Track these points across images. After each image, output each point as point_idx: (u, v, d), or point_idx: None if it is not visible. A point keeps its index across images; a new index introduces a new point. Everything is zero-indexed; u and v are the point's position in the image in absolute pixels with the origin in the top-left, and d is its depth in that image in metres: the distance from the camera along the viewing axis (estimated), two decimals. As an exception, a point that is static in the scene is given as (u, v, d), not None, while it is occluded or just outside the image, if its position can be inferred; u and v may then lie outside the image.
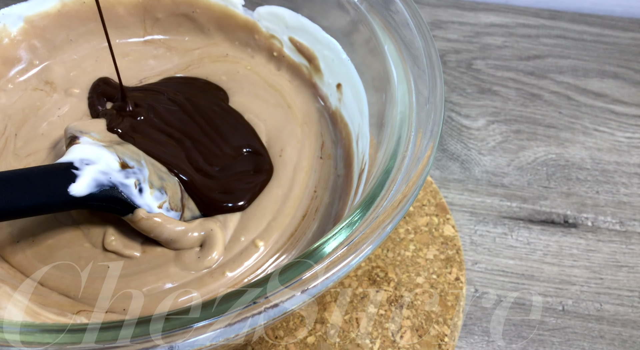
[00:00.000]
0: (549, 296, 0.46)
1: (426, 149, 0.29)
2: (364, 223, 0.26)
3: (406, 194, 0.27)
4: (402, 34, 0.35)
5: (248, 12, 0.45)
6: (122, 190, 0.32)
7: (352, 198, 0.36)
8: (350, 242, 0.25)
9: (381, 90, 0.35)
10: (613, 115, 0.60)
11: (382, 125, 0.34)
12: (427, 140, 0.29)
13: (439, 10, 0.71)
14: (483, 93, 0.62)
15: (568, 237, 0.50)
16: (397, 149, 0.29)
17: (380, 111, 0.35)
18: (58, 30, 0.44)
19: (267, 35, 0.45)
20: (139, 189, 0.32)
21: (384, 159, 0.30)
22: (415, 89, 0.32)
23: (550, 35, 0.69)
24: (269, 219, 0.35)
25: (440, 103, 0.31)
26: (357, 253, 0.25)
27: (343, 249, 0.25)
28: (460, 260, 0.43)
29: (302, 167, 0.38)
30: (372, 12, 0.37)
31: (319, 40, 0.42)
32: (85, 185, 0.30)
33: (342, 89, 0.40)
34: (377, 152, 0.33)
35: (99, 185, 0.31)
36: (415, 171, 0.28)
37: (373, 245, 0.25)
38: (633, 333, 0.44)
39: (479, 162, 0.55)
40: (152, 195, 0.33)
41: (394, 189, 0.27)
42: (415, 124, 0.30)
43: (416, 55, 0.33)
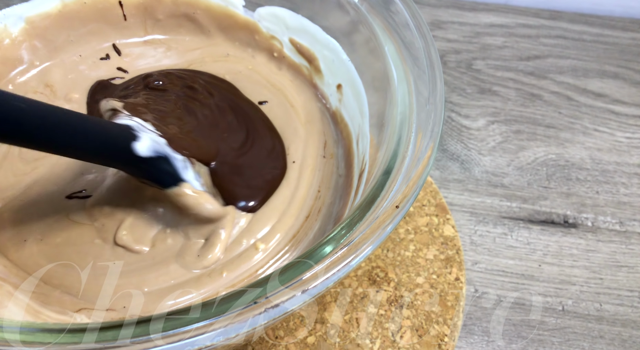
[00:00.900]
0: (549, 296, 0.46)
1: (426, 150, 0.29)
2: (364, 223, 0.26)
3: (406, 194, 0.27)
4: (402, 35, 0.35)
5: (248, 12, 0.45)
6: (172, 162, 0.32)
7: (352, 198, 0.36)
8: (350, 242, 0.25)
9: (381, 91, 0.35)
10: (613, 115, 0.60)
11: (382, 126, 0.34)
12: (427, 141, 0.29)
13: (439, 10, 0.71)
14: (483, 93, 0.62)
15: (568, 237, 0.50)
16: (397, 150, 0.29)
17: (381, 111, 0.35)
18: (59, 30, 0.44)
19: (268, 36, 0.45)
20: (185, 166, 0.33)
21: (384, 160, 0.30)
22: (415, 89, 0.32)
23: (550, 35, 0.69)
24: (273, 222, 0.35)
25: (440, 103, 0.31)
26: (357, 253, 0.25)
27: (343, 250, 0.25)
28: (460, 261, 0.44)
29: (307, 165, 0.39)
30: (372, 13, 0.37)
31: (318, 41, 0.42)
32: (146, 148, 0.31)
33: (343, 89, 0.41)
34: (377, 153, 0.33)
35: (156, 151, 0.31)
36: (416, 172, 0.28)
37: (373, 246, 0.25)
38: (633, 333, 0.44)
39: (479, 162, 0.55)
40: (194, 175, 0.34)
41: (394, 189, 0.27)
42: (416, 124, 0.30)
43: (416, 56, 0.33)
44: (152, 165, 0.32)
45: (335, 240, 0.25)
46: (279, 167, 0.38)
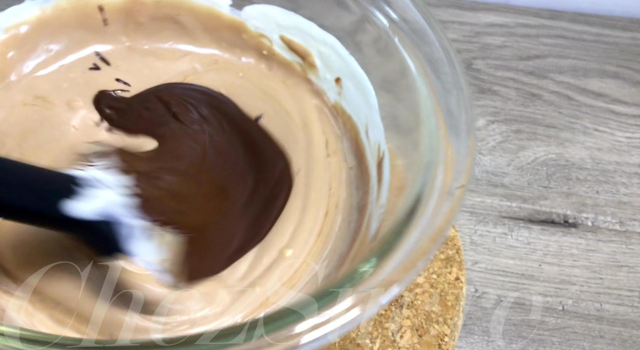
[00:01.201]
0: (549, 296, 0.46)
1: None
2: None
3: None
4: (416, 32, 0.35)
5: (235, 12, 0.43)
6: (123, 229, 0.27)
7: (375, 188, 0.36)
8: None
9: (393, 92, 0.35)
10: (613, 115, 0.60)
11: (398, 129, 0.34)
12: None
13: (439, 10, 0.71)
14: (483, 93, 0.62)
15: (568, 237, 0.50)
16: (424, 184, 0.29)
17: (394, 113, 0.35)
18: (39, 39, 0.42)
19: (256, 34, 0.44)
20: (144, 235, 0.28)
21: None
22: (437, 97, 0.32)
23: (550, 35, 0.69)
24: (292, 229, 0.36)
25: (469, 106, 0.31)
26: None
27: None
28: (460, 260, 0.43)
29: (311, 170, 0.38)
30: (380, 10, 0.36)
31: (313, 37, 0.41)
32: (87, 209, 0.26)
33: (342, 82, 0.40)
34: (397, 160, 0.33)
35: (102, 215, 0.26)
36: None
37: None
38: (633, 333, 0.44)
39: (479, 162, 0.55)
40: (153, 248, 0.28)
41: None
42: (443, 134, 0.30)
43: (435, 58, 0.33)
44: (91, 230, 0.26)
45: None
46: (286, 186, 0.38)
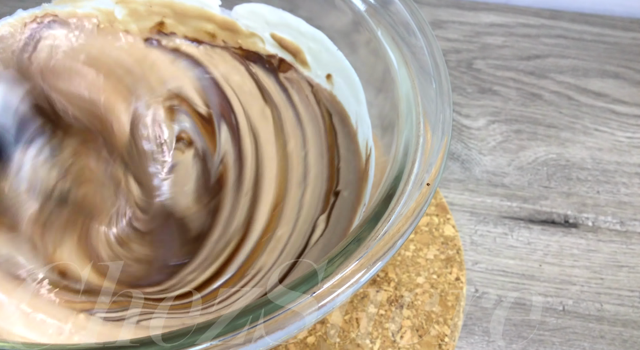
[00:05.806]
0: (549, 296, 0.46)
1: (438, 152, 0.29)
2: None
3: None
4: (403, 34, 0.35)
5: (225, 12, 0.43)
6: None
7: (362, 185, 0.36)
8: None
9: (384, 91, 0.35)
10: (613, 115, 0.60)
11: (386, 128, 0.34)
12: (438, 143, 0.29)
13: (439, 10, 0.71)
14: (483, 93, 0.62)
15: (568, 237, 0.49)
16: (407, 152, 0.29)
17: (383, 113, 0.35)
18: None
19: (247, 33, 0.43)
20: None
21: (393, 166, 0.30)
22: (420, 87, 0.32)
23: (550, 35, 0.69)
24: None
25: (447, 104, 0.31)
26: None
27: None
28: (460, 260, 0.43)
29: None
30: (371, 13, 0.36)
31: (303, 34, 0.41)
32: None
33: (333, 78, 0.40)
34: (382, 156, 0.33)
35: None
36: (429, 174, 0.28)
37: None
38: (634, 333, 0.44)
39: (479, 162, 0.55)
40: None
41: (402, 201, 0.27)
42: (423, 121, 0.30)
43: (419, 57, 0.33)
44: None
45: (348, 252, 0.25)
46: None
